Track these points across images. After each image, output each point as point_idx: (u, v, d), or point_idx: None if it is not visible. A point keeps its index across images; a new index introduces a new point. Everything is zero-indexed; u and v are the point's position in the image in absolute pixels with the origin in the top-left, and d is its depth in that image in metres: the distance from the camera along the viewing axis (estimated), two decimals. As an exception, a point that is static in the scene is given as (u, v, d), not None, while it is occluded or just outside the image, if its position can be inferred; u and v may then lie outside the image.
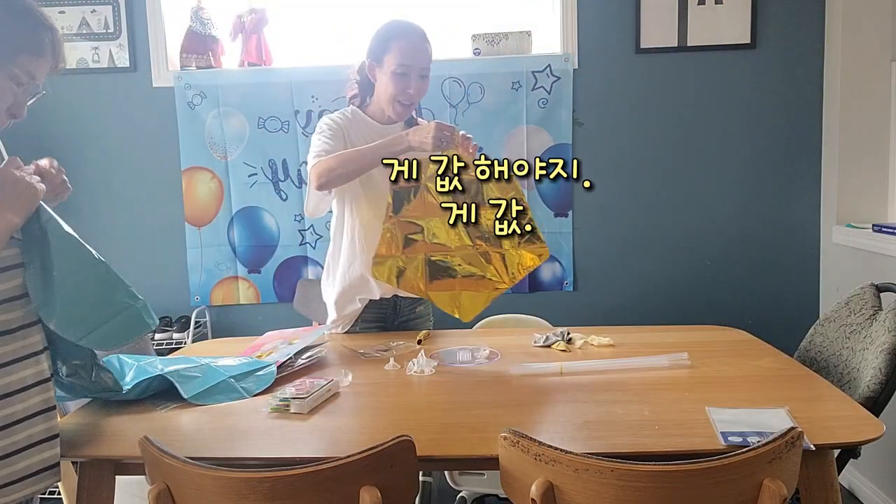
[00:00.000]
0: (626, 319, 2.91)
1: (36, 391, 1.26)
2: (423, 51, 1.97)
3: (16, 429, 1.22)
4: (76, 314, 1.27)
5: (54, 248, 1.25)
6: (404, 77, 1.94)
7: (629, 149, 2.99)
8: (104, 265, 1.31)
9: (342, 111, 2.05)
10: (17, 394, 1.23)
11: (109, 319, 1.30)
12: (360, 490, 1.11)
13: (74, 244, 1.29)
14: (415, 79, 1.95)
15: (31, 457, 1.24)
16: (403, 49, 1.93)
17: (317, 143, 1.95)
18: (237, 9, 2.98)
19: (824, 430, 1.28)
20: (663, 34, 2.91)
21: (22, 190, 1.22)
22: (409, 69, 1.94)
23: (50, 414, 1.28)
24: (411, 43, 1.95)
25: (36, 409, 1.25)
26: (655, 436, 1.30)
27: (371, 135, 1.97)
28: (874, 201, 2.79)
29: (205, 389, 1.56)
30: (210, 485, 1.11)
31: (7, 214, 1.20)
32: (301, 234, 3.06)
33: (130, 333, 1.37)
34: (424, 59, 1.97)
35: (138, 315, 1.34)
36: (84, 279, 1.29)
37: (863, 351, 1.71)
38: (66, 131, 3.03)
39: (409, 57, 1.93)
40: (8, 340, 1.22)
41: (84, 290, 1.29)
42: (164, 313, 3.06)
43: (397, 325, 2.11)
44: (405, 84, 1.94)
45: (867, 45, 2.75)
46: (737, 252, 3.02)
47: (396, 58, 1.93)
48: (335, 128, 1.97)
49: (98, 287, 1.31)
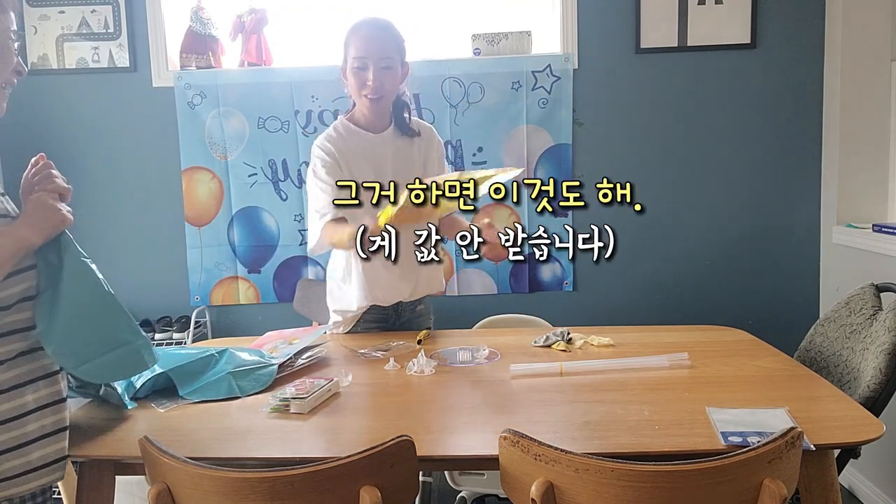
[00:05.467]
0: (626, 319, 2.89)
1: (44, 384, 1.28)
2: (379, 40, 1.91)
3: (28, 419, 1.24)
4: (74, 344, 1.27)
5: (67, 276, 1.26)
6: (363, 70, 1.89)
7: (629, 149, 2.98)
8: (112, 298, 1.31)
9: (333, 129, 2.00)
10: (27, 385, 1.25)
11: (107, 353, 1.30)
12: (360, 490, 1.12)
13: (87, 274, 1.29)
14: (375, 70, 1.89)
15: (44, 447, 1.26)
16: (358, 42, 1.90)
17: (315, 192, 1.91)
18: (237, 9, 2.97)
19: (824, 430, 1.28)
20: (663, 34, 2.91)
21: (48, 214, 1.25)
22: (365, 62, 1.89)
23: (60, 406, 1.30)
24: (366, 34, 1.90)
25: (45, 400, 1.27)
26: (655, 436, 1.30)
27: (365, 146, 1.95)
28: (874, 201, 2.79)
29: (199, 386, 1.56)
30: (210, 485, 1.11)
31: (26, 231, 1.23)
32: (301, 234, 3.06)
33: (127, 370, 1.38)
34: (383, 49, 1.90)
35: (137, 352, 1.34)
36: (88, 310, 1.29)
37: (863, 351, 1.71)
38: (67, 131, 3.03)
39: (363, 49, 1.89)
40: (21, 338, 1.24)
41: (86, 320, 1.28)
42: (164, 313, 3.06)
43: (398, 325, 2.11)
44: (364, 77, 1.89)
45: (867, 45, 2.75)
46: (737, 252, 3.02)
47: (352, 52, 1.90)
48: (329, 163, 1.92)
49: (101, 319, 1.30)
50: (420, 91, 2.88)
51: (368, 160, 1.95)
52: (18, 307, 1.23)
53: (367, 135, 1.98)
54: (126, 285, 3.05)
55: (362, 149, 1.95)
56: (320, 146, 1.96)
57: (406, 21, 3.01)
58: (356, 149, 1.95)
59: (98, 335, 1.30)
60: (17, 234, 1.22)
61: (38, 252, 1.26)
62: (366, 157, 1.94)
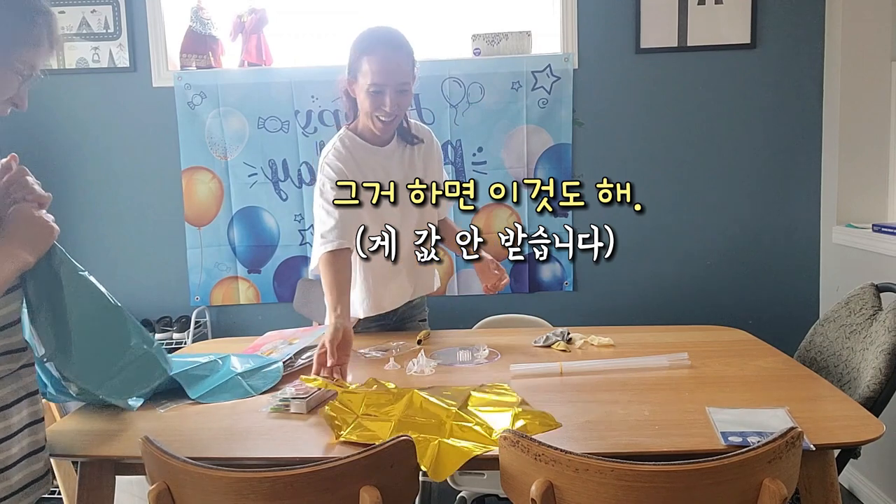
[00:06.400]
0: (626, 319, 2.90)
1: (27, 403, 1.23)
2: (395, 64, 1.82)
3: (11, 442, 1.20)
4: (95, 362, 1.24)
5: (68, 292, 1.21)
6: (379, 95, 1.82)
7: (629, 149, 2.99)
8: (119, 309, 1.28)
9: (340, 143, 1.93)
10: (13, 406, 1.21)
11: (128, 366, 1.27)
12: (360, 490, 1.11)
13: (90, 288, 1.25)
14: (391, 95, 1.82)
15: (23, 470, 1.22)
16: (374, 67, 1.80)
17: (320, 214, 1.87)
18: (237, 9, 2.97)
19: (824, 430, 1.28)
20: (663, 34, 2.91)
21: (38, 230, 1.19)
22: (382, 87, 1.81)
23: (37, 427, 1.25)
24: (383, 58, 1.80)
25: (27, 420, 1.23)
26: (655, 436, 1.30)
27: (372, 160, 1.93)
28: (874, 201, 2.79)
29: (211, 389, 1.56)
30: (210, 485, 1.11)
31: (21, 253, 1.17)
32: (301, 234, 3.06)
33: (149, 380, 1.35)
34: (400, 74, 1.82)
35: (153, 360, 1.31)
36: (101, 325, 1.25)
37: (863, 351, 1.71)
38: (66, 131, 3.03)
39: (380, 75, 1.80)
40: (7, 360, 1.20)
41: (101, 336, 1.25)
42: (164, 313, 3.06)
43: (395, 320, 2.11)
44: (380, 102, 1.83)
45: (867, 45, 2.75)
46: (737, 252, 3.02)
47: (368, 77, 1.81)
48: (337, 182, 1.84)
49: (114, 332, 1.27)
50: (420, 91, 2.88)
51: (375, 173, 1.93)
52: (8, 331, 1.18)
53: (374, 148, 1.95)
54: (126, 285, 3.06)
55: (369, 163, 1.93)
56: (329, 164, 1.89)
57: (406, 21, 3.03)
58: (363, 164, 1.92)
59: (114, 349, 1.27)
60: (14, 254, 1.15)
61: (30, 272, 1.19)
62: (373, 171, 1.93)
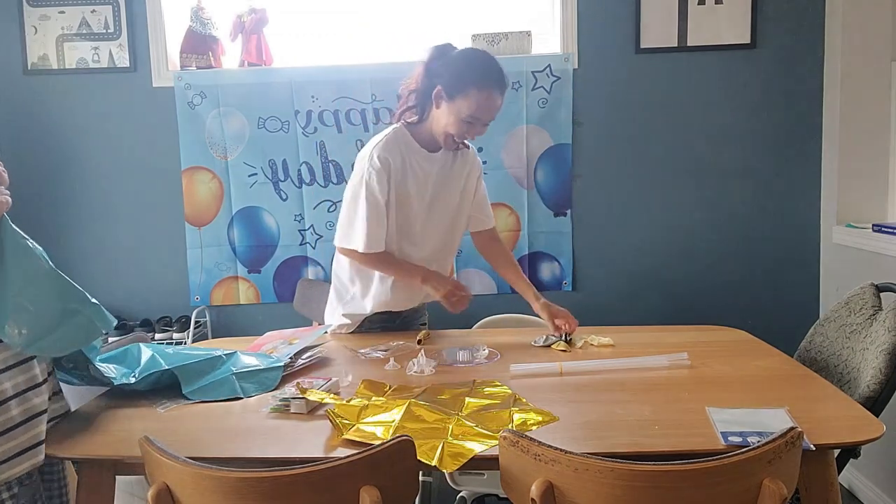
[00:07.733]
0: (626, 319, 2.90)
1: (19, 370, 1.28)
2: (498, 107, 1.89)
3: (10, 405, 1.24)
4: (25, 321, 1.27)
5: (10, 256, 1.26)
6: (472, 126, 1.88)
7: (629, 149, 2.99)
8: (56, 272, 1.32)
9: (395, 137, 1.93)
10: (3, 372, 1.25)
11: (59, 327, 1.31)
12: (360, 490, 1.12)
13: (29, 251, 1.30)
14: (479, 127, 1.90)
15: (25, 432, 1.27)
16: (483, 103, 1.84)
17: (362, 221, 1.88)
18: (237, 9, 2.97)
19: (824, 430, 1.28)
20: (663, 34, 2.91)
21: None
22: (480, 121, 1.87)
23: (37, 390, 1.31)
24: (492, 98, 1.85)
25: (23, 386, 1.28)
26: (655, 436, 1.30)
27: (417, 162, 1.94)
28: (874, 201, 2.79)
29: (202, 385, 1.57)
30: (210, 485, 1.11)
31: None
32: (301, 234, 3.06)
33: (80, 340, 1.38)
34: (495, 113, 1.90)
35: (88, 321, 1.35)
36: (35, 286, 1.29)
37: (863, 351, 1.71)
38: (66, 131, 3.02)
39: (485, 112, 1.86)
40: None
41: (34, 296, 1.29)
42: (164, 313, 3.06)
43: (399, 322, 2.12)
44: (470, 131, 1.89)
45: (867, 45, 2.75)
46: (737, 252, 3.02)
47: (471, 108, 1.84)
48: (384, 177, 1.88)
49: (50, 293, 1.31)
50: (420, 91, 2.88)
51: (416, 175, 1.95)
52: None
53: (424, 152, 1.97)
54: (126, 285, 3.06)
55: (413, 164, 1.94)
56: (379, 157, 1.89)
57: (406, 21, 3.03)
58: (409, 163, 1.94)
59: (48, 310, 1.30)
60: None
61: None
62: (414, 172, 1.94)
